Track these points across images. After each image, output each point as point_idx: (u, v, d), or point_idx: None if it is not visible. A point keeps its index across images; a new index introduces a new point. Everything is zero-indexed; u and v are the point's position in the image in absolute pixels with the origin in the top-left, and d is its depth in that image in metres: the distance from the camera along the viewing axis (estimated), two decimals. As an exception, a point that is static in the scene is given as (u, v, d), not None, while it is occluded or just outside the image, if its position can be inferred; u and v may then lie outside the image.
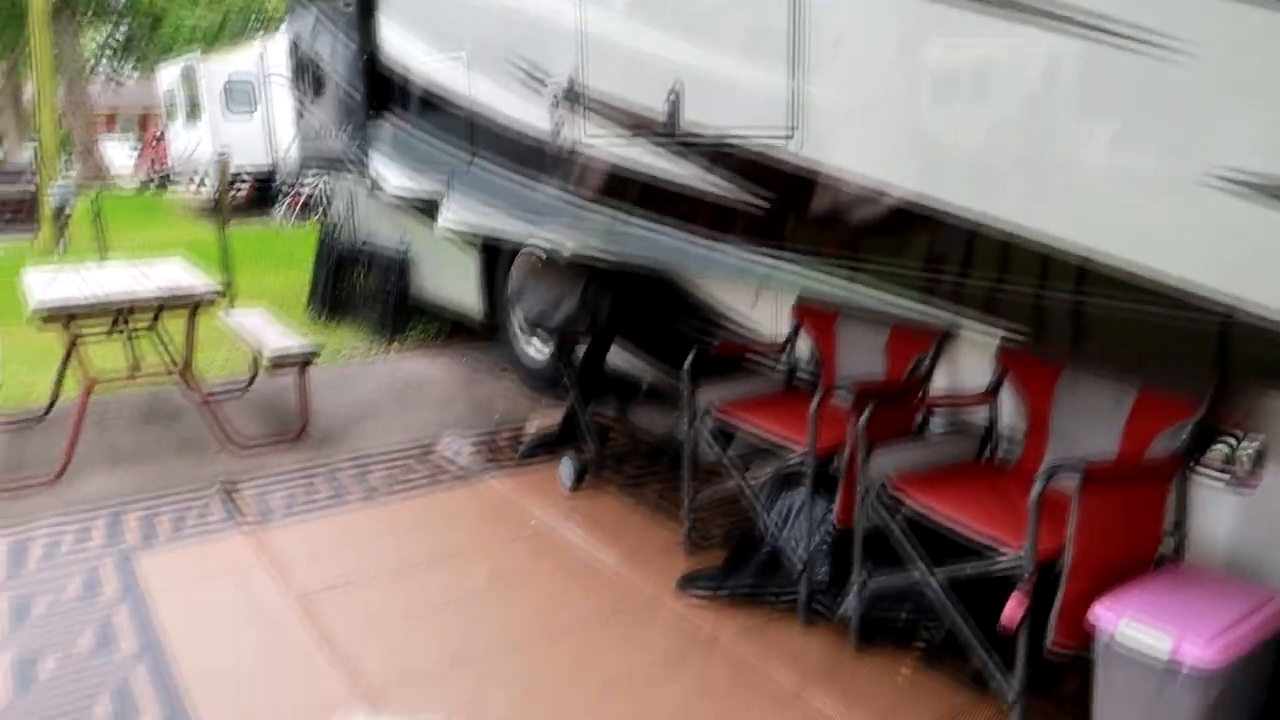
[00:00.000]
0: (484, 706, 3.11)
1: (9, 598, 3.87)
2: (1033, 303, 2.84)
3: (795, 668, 3.28)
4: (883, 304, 3.25)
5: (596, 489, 4.86)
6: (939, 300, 3.10)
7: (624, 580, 3.93)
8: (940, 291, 3.09)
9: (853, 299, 3.36)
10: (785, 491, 3.96)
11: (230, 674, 3.32)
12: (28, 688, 3.26)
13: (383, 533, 4.44)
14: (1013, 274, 2.88)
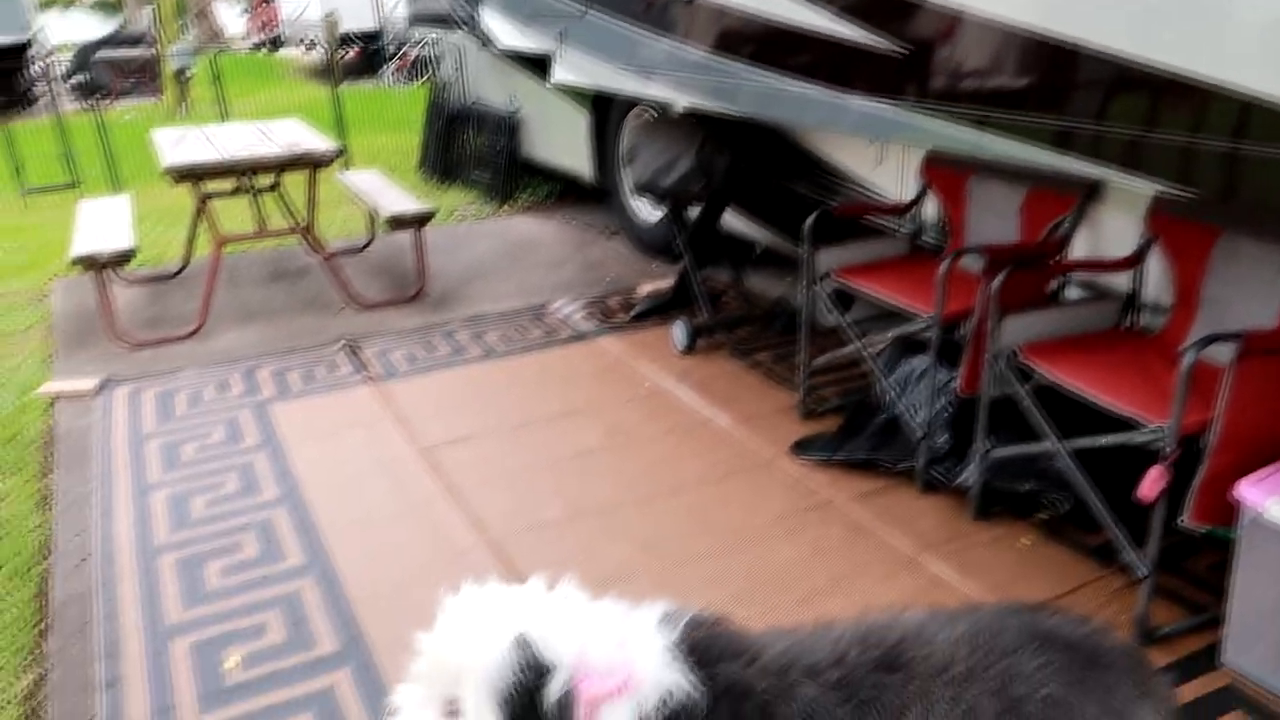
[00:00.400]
0: (603, 558, 3.21)
1: (160, 443, 4.14)
2: (1193, 155, 2.60)
3: (911, 534, 3.26)
4: (1026, 158, 3.04)
5: (709, 353, 4.85)
6: (1087, 153, 2.87)
7: (738, 443, 3.95)
8: (1090, 143, 2.85)
9: (993, 153, 3.15)
10: (904, 358, 3.87)
11: (363, 521, 3.50)
12: (183, 524, 3.52)
13: (500, 390, 4.54)
14: (1171, 121, 2.63)
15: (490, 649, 1.39)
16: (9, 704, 2.65)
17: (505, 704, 1.37)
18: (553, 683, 1.39)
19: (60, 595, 3.12)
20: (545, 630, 1.43)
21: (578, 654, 1.43)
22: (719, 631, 1.57)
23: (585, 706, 1.41)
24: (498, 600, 1.50)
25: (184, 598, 3.10)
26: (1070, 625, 1.53)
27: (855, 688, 1.46)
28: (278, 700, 2.64)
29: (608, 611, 1.54)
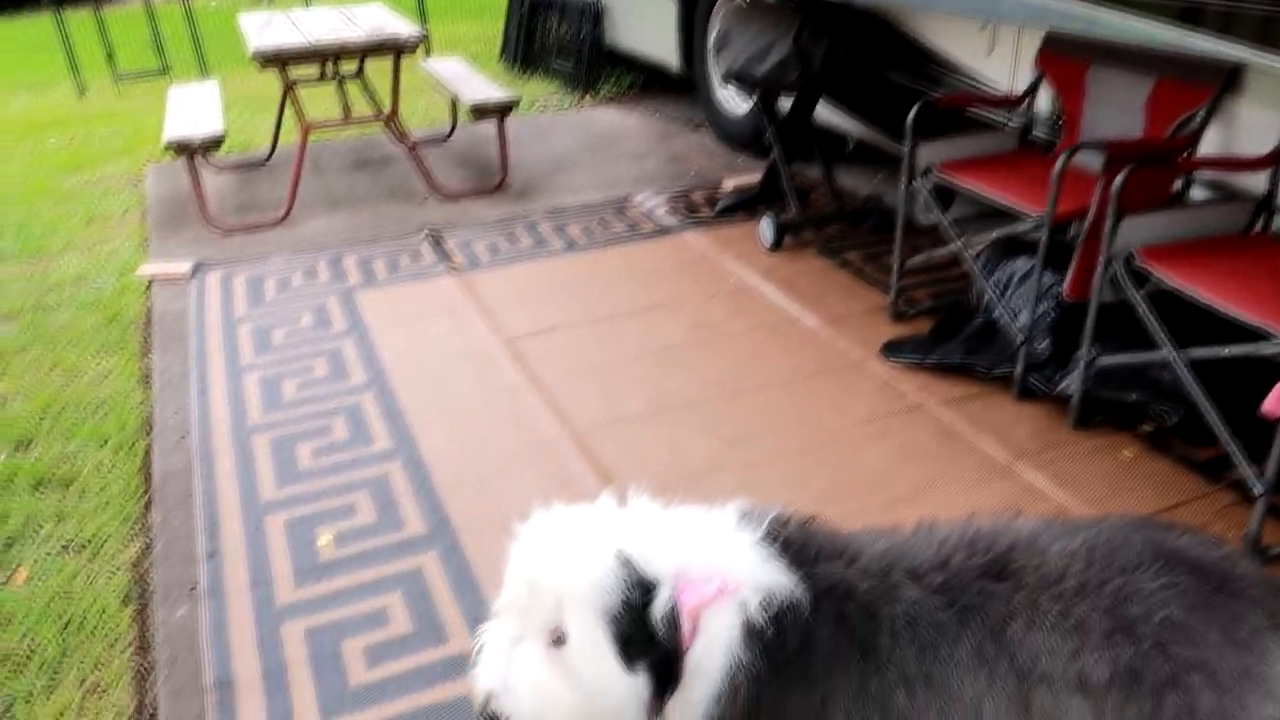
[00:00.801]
0: (688, 453, 3.19)
1: (251, 327, 4.22)
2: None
3: (1005, 441, 3.16)
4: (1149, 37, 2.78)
5: (796, 251, 4.71)
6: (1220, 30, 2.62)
7: (825, 343, 3.85)
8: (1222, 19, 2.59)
9: (1112, 31, 2.89)
10: (1005, 260, 3.69)
11: (448, 409, 3.53)
12: (275, 406, 3.60)
13: (583, 282, 4.50)
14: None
15: (593, 570, 1.34)
16: (118, 570, 2.78)
17: (613, 623, 1.33)
18: (658, 598, 1.35)
19: (161, 470, 3.24)
20: (641, 545, 1.39)
21: (675, 565, 1.40)
22: (814, 531, 1.52)
23: (688, 616, 1.39)
24: (584, 520, 1.45)
25: (278, 476, 3.18)
26: (1200, 546, 1.43)
27: (959, 593, 1.40)
28: (369, 579, 2.71)
29: (693, 517, 1.50)
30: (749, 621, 1.39)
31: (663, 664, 1.36)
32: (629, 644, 1.33)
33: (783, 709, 1.41)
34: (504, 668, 1.39)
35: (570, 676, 1.35)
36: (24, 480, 3.14)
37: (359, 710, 2.29)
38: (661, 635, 1.35)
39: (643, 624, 1.34)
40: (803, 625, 1.40)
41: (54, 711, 2.30)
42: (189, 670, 2.43)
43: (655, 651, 1.35)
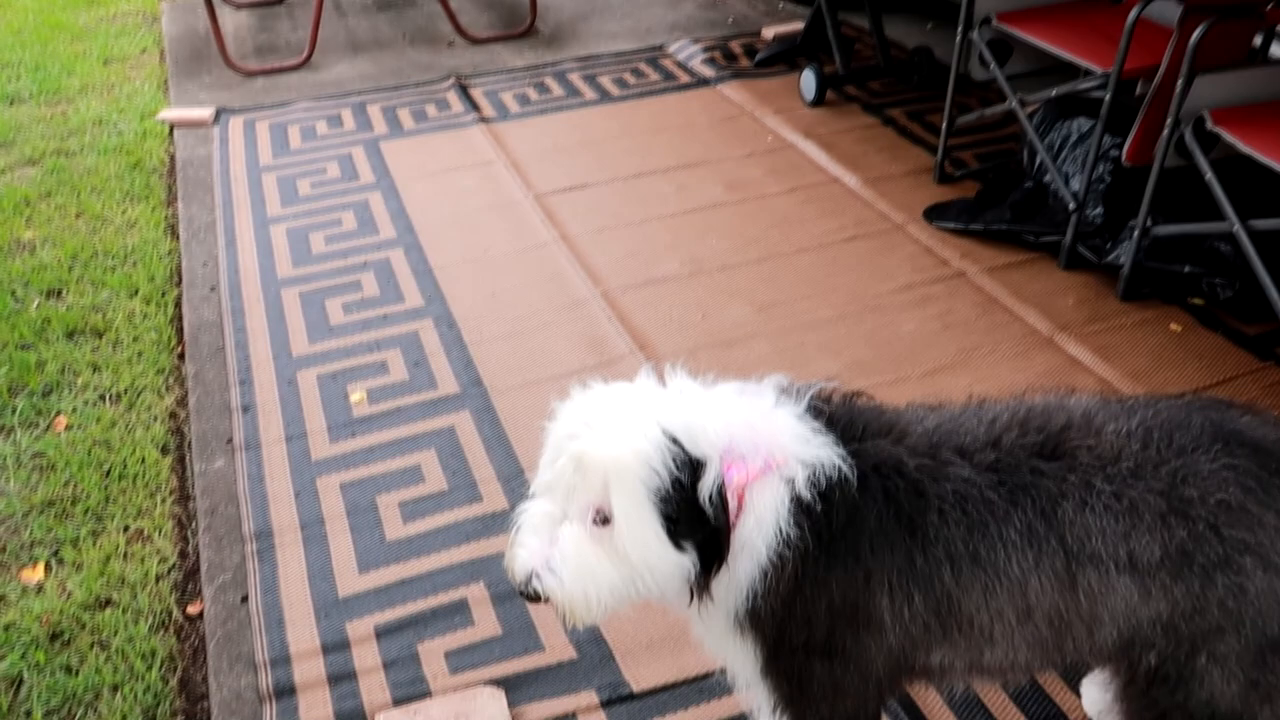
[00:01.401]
0: (720, 318, 3.13)
1: (277, 176, 4.13)
2: None
3: (1048, 312, 3.07)
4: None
5: (838, 106, 4.50)
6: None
7: (865, 205, 3.72)
8: None
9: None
10: (1062, 121, 3.50)
11: (478, 265, 3.47)
12: (304, 260, 3.55)
13: (615, 136, 4.34)
14: None
15: (640, 447, 1.29)
16: (155, 421, 2.81)
17: (661, 501, 1.29)
18: (706, 476, 1.31)
19: (193, 322, 3.23)
20: (687, 423, 1.33)
21: (722, 442, 1.35)
22: (860, 406, 1.47)
23: (734, 492, 1.35)
24: (626, 398, 1.39)
25: (309, 331, 3.17)
26: (1263, 428, 1.38)
27: (1010, 472, 1.36)
28: (402, 435, 2.73)
29: (735, 394, 1.44)
30: (797, 497, 1.36)
31: (710, 542, 1.34)
32: (676, 523, 1.31)
33: (828, 584, 1.40)
34: (546, 548, 1.37)
35: (615, 555, 1.33)
36: (57, 328, 3.15)
37: (396, 562, 2.34)
38: (710, 513, 1.32)
39: (691, 502, 1.31)
40: (850, 501, 1.37)
41: (100, 555, 2.36)
42: (229, 520, 2.48)
43: (703, 530, 1.32)
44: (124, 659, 2.11)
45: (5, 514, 2.49)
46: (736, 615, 1.45)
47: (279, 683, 2.06)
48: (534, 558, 1.37)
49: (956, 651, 1.45)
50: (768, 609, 1.42)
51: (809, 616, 1.43)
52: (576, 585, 1.35)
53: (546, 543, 1.38)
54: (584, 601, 1.35)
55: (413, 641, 2.14)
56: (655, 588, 1.37)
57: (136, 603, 2.25)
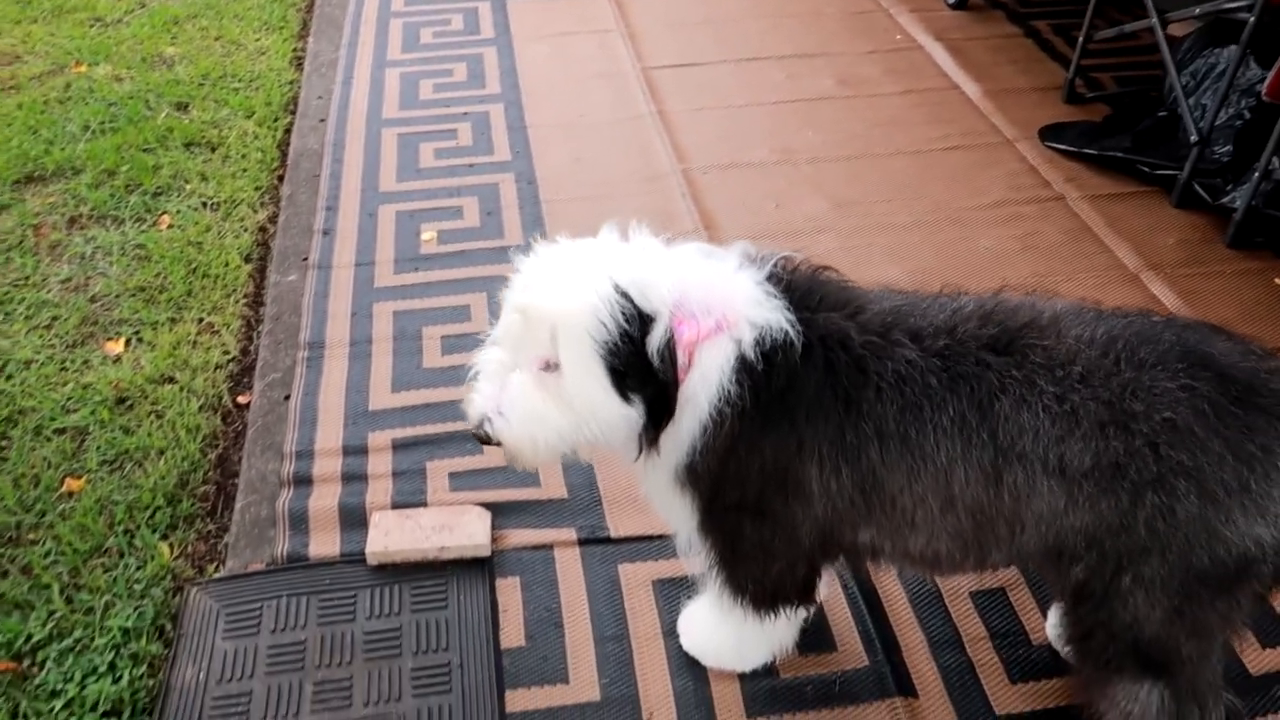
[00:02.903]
0: (793, 209, 3.09)
1: (404, 22, 4.24)
2: None
3: (1143, 249, 2.89)
4: None
5: (982, 12, 4.23)
6: None
7: (979, 116, 3.53)
8: None
9: None
10: (1210, 49, 3.20)
11: (571, 127, 3.51)
12: (411, 104, 3.68)
13: (738, 17, 4.23)
14: None
15: (588, 300, 1.31)
16: (245, 231, 3.03)
17: (609, 354, 1.32)
18: (654, 330, 1.33)
19: (297, 148, 3.42)
20: (640, 278, 1.35)
21: (674, 299, 1.36)
22: (823, 280, 1.46)
23: (684, 349, 1.37)
24: (583, 253, 1.41)
25: (399, 170, 3.31)
26: (1239, 355, 1.29)
27: (956, 360, 1.34)
28: (460, 276, 2.85)
29: (696, 254, 1.44)
30: (742, 356, 1.37)
31: (658, 396, 1.37)
32: (624, 375, 1.34)
33: (761, 447, 1.42)
34: (497, 393, 1.41)
35: (561, 402, 1.37)
36: (178, 138, 3.39)
37: (426, 388, 2.49)
38: (657, 368, 1.34)
39: (639, 355, 1.34)
40: (791, 367, 1.37)
41: (173, 340, 2.60)
42: (289, 327, 2.67)
43: (651, 384, 1.35)
44: (173, 429, 2.35)
45: (103, 293, 2.77)
46: (677, 470, 1.49)
47: (299, 472, 2.26)
48: (486, 402, 1.42)
49: (882, 532, 1.46)
50: (705, 465, 1.46)
51: (742, 476, 1.46)
52: (523, 429, 1.40)
53: (498, 389, 1.42)
54: (530, 444, 1.41)
55: (423, 459, 2.29)
56: (601, 436, 1.41)
57: (194, 384, 2.48)
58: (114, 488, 2.21)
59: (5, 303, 2.73)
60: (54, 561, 2.07)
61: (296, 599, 2.00)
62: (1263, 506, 1.23)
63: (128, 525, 2.14)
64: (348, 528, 2.13)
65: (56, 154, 3.29)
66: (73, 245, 2.93)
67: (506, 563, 2.06)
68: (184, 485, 2.24)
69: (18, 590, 2.01)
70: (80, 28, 4.12)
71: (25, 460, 2.28)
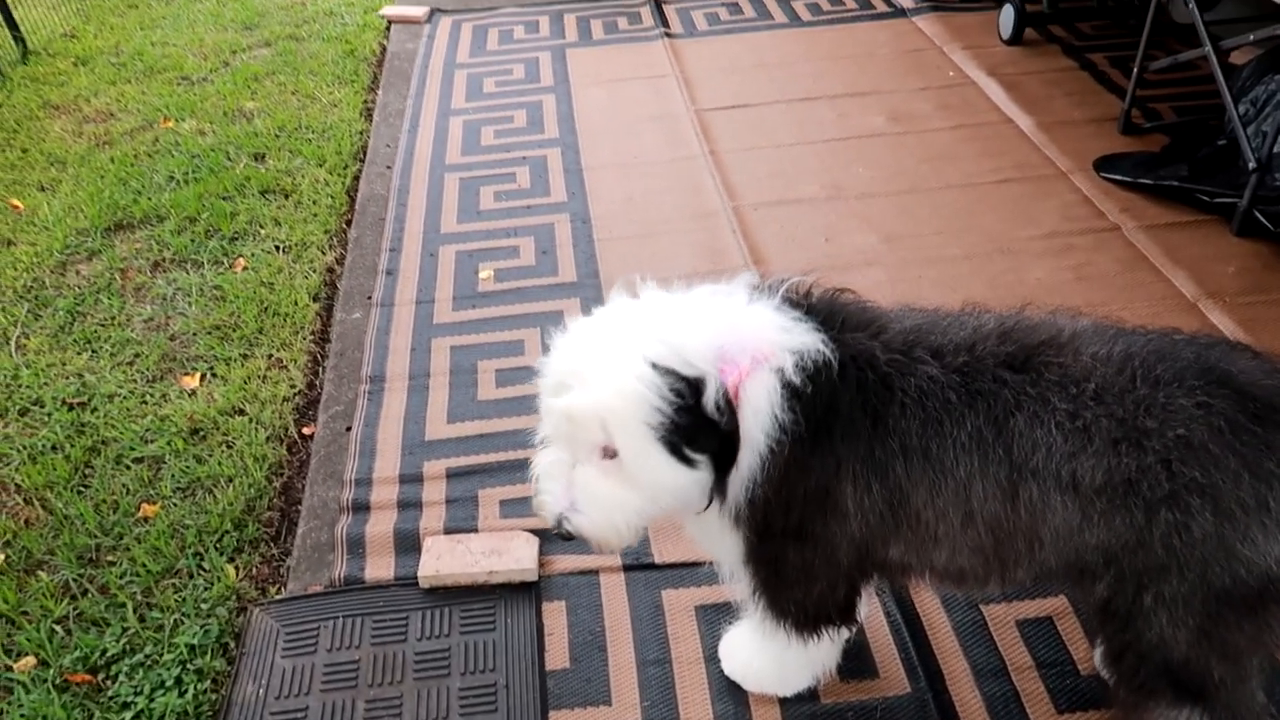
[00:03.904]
0: (843, 243, 3.12)
1: (468, 73, 4.43)
2: None
3: (1201, 278, 2.84)
4: None
5: (1037, 47, 4.24)
6: None
7: (1033, 149, 3.53)
8: None
9: None
10: (1271, 75, 3.16)
11: (625, 167, 3.61)
12: (473, 149, 3.83)
13: (793, 60, 4.31)
14: None
15: (631, 388, 1.32)
16: (314, 272, 3.18)
17: (667, 433, 1.34)
18: (707, 389, 1.35)
19: (365, 193, 3.58)
20: (677, 343, 1.35)
21: (712, 349, 1.37)
22: (842, 301, 1.50)
23: (731, 393, 1.39)
24: (611, 328, 1.41)
25: (460, 213, 3.44)
26: (1262, 373, 1.28)
27: (975, 377, 1.35)
28: (516, 312, 2.94)
29: (709, 298, 1.46)
30: (789, 383, 1.39)
31: (724, 447, 1.39)
32: (691, 443, 1.35)
33: (808, 467, 1.43)
34: (567, 490, 1.44)
35: (629, 483, 1.40)
36: (254, 186, 3.59)
37: (481, 419, 2.57)
38: (720, 421, 1.36)
39: (700, 419, 1.35)
40: (832, 385, 1.39)
41: (244, 374, 2.74)
42: (353, 362, 2.79)
43: (716, 438, 1.37)
44: (242, 458, 2.47)
45: (181, 331, 2.93)
46: (735, 508, 1.49)
47: (357, 499, 2.35)
48: (558, 502, 1.45)
49: (910, 548, 1.48)
50: (761, 497, 1.46)
51: (790, 502, 1.47)
52: (602, 518, 1.43)
53: (565, 486, 1.45)
54: (613, 530, 1.44)
55: (475, 487, 2.37)
56: (675, 503, 1.44)
57: (263, 416, 2.61)
58: (185, 513, 2.34)
59: (93, 340, 2.91)
60: (129, 581, 2.19)
61: (352, 620, 2.07)
62: None
63: (197, 548, 2.25)
64: (402, 552, 2.21)
65: (144, 203, 3.51)
66: (155, 287, 3.12)
67: (553, 587, 2.11)
68: (250, 511, 2.35)
69: (95, 608, 2.13)
70: (169, 86, 4.39)
71: (106, 487, 2.42)
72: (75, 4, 5.34)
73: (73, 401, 2.69)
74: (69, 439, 2.56)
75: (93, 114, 4.22)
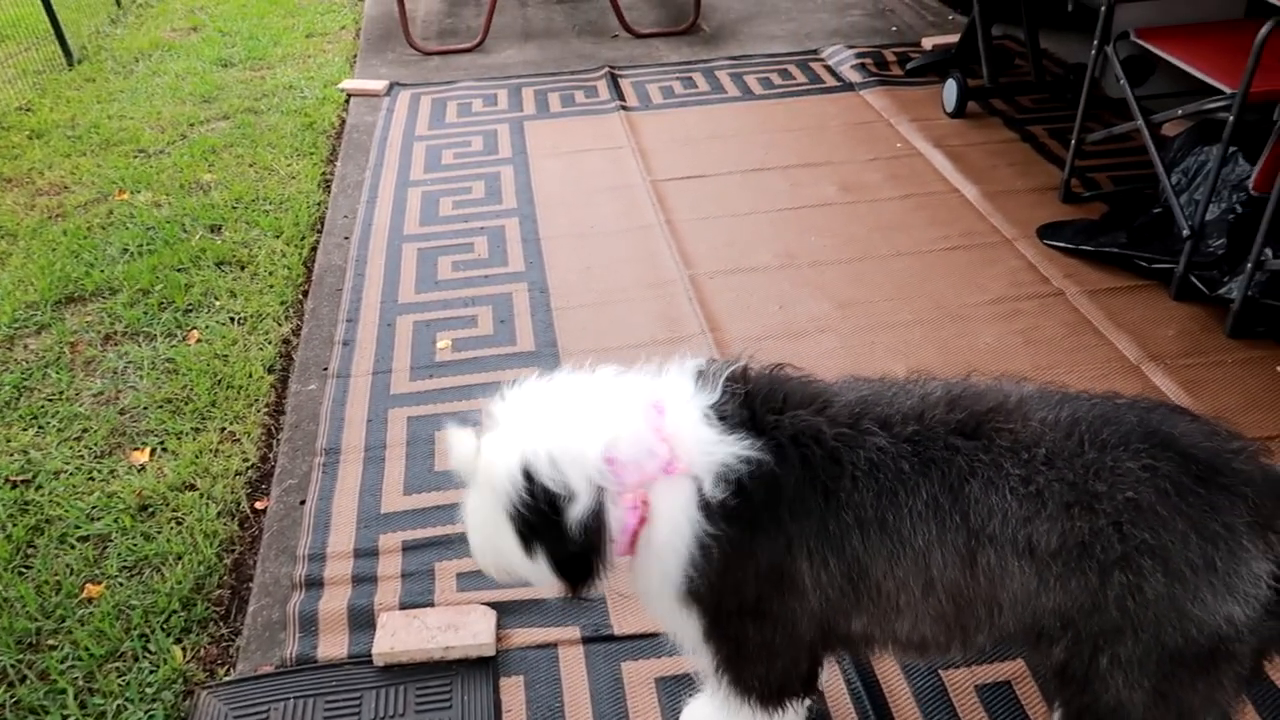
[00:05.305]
0: (797, 311, 3.17)
1: (427, 146, 4.48)
2: None
3: (1143, 341, 2.92)
4: None
5: (980, 119, 4.39)
6: None
7: (978, 217, 3.64)
8: None
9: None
10: (1200, 146, 3.30)
11: (582, 238, 3.65)
12: (431, 220, 3.85)
13: (745, 132, 4.42)
14: None
15: (504, 465, 1.35)
16: (270, 344, 3.16)
17: (518, 523, 1.37)
18: (573, 506, 1.35)
19: (322, 265, 3.58)
20: (563, 451, 1.34)
21: (600, 471, 1.36)
22: (783, 378, 1.51)
23: (632, 493, 1.38)
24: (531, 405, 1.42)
25: (418, 282, 3.45)
26: (1202, 435, 1.32)
27: (926, 445, 1.37)
28: (474, 381, 2.94)
29: (641, 384, 1.48)
30: (707, 500, 1.38)
31: (573, 561, 1.41)
32: (540, 542, 1.38)
33: (754, 554, 1.44)
34: None
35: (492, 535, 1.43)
36: (210, 258, 3.57)
37: (437, 490, 2.54)
38: (574, 541, 1.37)
39: (552, 527, 1.36)
40: (767, 479, 1.40)
41: (196, 449, 2.70)
42: (307, 435, 2.76)
43: (565, 550, 1.38)
44: (192, 535, 2.42)
45: (132, 405, 2.89)
46: (678, 594, 1.49)
47: (311, 575, 2.30)
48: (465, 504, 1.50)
49: (872, 620, 1.48)
50: (704, 584, 1.46)
51: (740, 584, 1.47)
52: (475, 540, 1.50)
53: None
54: (481, 560, 1.50)
55: (432, 560, 2.34)
56: (529, 578, 1.47)
57: (214, 491, 2.56)
58: (132, 592, 2.27)
59: (39, 416, 2.85)
60: (70, 666, 2.11)
61: (303, 701, 2.02)
62: (1231, 584, 1.24)
63: (143, 629, 2.19)
64: (356, 629, 2.17)
65: (96, 275, 3.48)
66: (106, 360, 3.07)
67: (511, 661, 2.08)
68: (200, 589, 2.29)
69: (34, 696, 2.05)
70: (125, 159, 4.39)
71: (49, 567, 2.35)
72: (31, 78, 5.35)
73: (16, 479, 2.62)
74: (11, 518, 2.49)
75: (46, 187, 4.19)
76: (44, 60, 5.55)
